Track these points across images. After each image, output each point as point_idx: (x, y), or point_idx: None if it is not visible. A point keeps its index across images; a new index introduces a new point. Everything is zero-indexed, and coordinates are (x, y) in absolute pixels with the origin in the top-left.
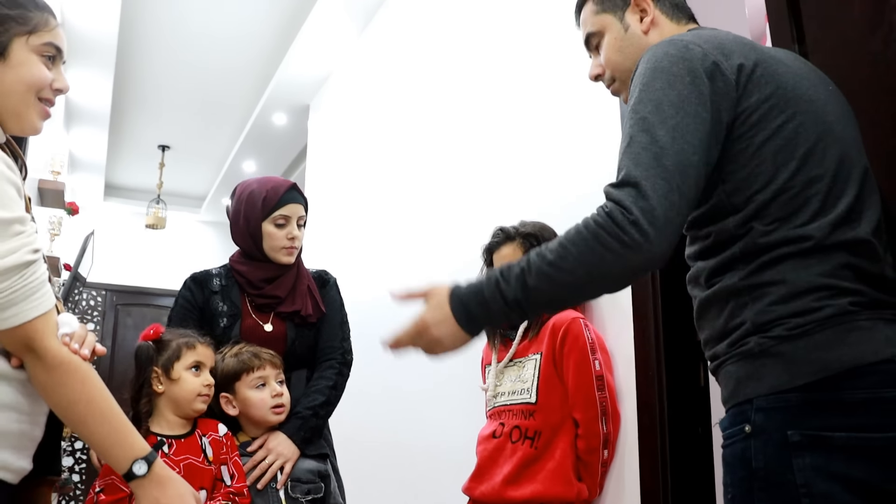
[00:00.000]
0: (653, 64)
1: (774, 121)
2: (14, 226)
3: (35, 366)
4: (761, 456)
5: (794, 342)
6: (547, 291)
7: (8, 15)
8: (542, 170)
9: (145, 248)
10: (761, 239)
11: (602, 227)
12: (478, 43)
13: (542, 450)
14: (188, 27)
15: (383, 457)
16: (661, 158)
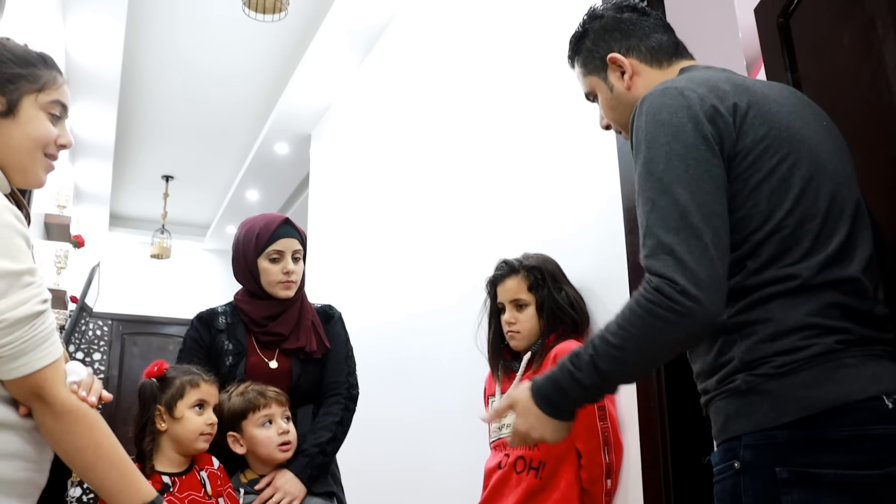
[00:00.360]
0: (652, 117)
1: (769, 161)
2: (24, 277)
3: (44, 413)
4: (751, 492)
5: (780, 380)
6: (620, 371)
7: (20, 74)
8: (545, 198)
9: (150, 277)
10: (751, 279)
11: (653, 302)
12: (478, 71)
13: (546, 480)
14: (189, 61)
15: (390, 488)
16: (687, 217)
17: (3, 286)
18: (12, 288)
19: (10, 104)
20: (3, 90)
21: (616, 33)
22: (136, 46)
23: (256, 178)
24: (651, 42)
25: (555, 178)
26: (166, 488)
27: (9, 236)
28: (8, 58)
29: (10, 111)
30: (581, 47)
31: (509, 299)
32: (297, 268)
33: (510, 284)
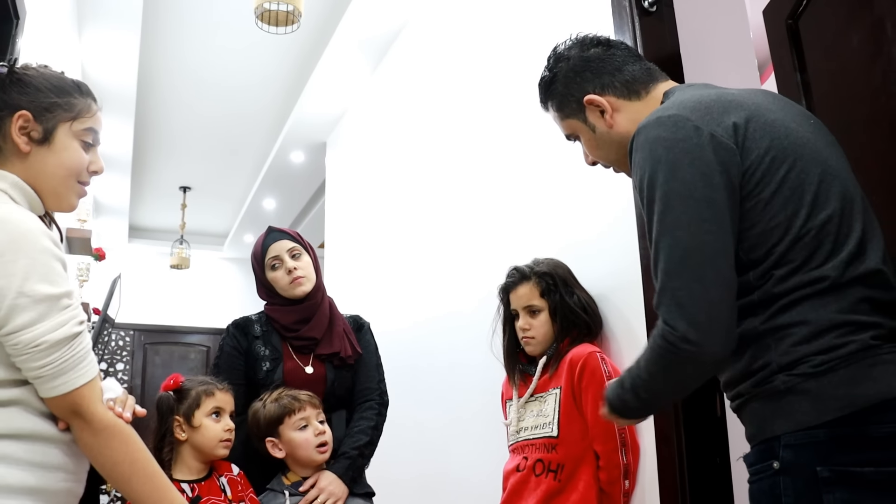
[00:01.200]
0: (648, 153)
1: (778, 172)
2: (62, 300)
3: (82, 429)
4: (791, 492)
5: (819, 379)
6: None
7: (56, 103)
8: (560, 203)
9: (171, 287)
10: (779, 286)
11: (662, 348)
12: (491, 76)
13: (565, 482)
14: (204, 73)
15: (412, 492)
16: (687, 260)
17: (43, 309)
18: (51, 311)
19: (45, 132)
20: (39, 118)
21: (587, 73)
22: (151, 61)
23: (273, 186)
24: (624, 76)
25: (570, 183)
26: (196, 501)
27: (47, 261)
28: (46, 86)
29: (46, 139)
30: (553, 92)
31: (522, 306)
32: (299, 263)
33: (522, 291)
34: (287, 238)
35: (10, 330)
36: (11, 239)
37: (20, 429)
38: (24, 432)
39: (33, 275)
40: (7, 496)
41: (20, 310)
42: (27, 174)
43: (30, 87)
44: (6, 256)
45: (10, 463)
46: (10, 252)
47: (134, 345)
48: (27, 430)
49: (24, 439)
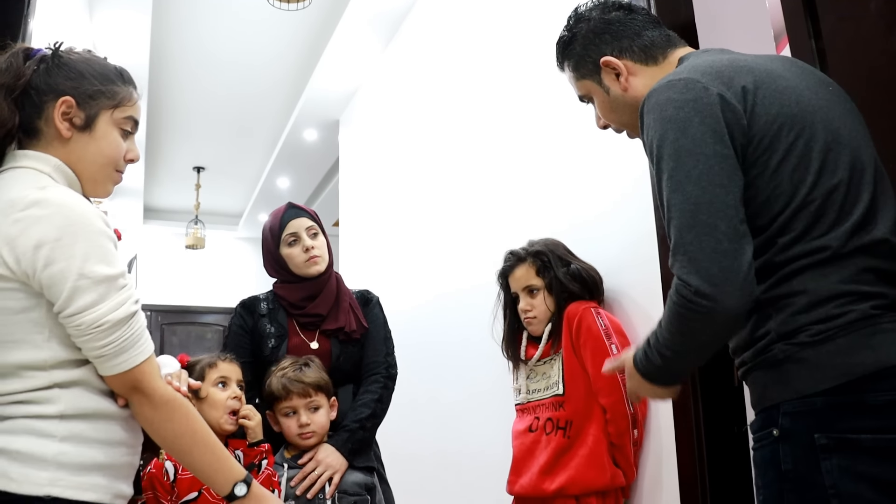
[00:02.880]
0: (658, 114)
1: (785, 140)
2: (119, 280)
3: (142, 405)
4: (790, 458)
5: (817, 347)
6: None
7: (100, 90)
8: (573, 176)
9: (186, 267)
10: (780, 255)
11: (678, 305)
12: (502, 51)
13: (574, 438)
14: (215, 52)
15: (429, 466)
16: (698, 214)
17: (103, 290)
18: (111, 291)
19: (87, 119)
20: (83, 105)
21: (606, 35)
22: (163, 41)
23: (286, 165)
24: (643, 40)
25: (582, 157)
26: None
27: (103, 243)
28: (90, 73)
29: (87, 126)
30: (570, 52)
31: (521, 287)
32: (316, 242)
33: (519, 273)
34: (307, 216)
35: (74, 311)
36: (69, 222)
37: (85, 408)
38: (88, 411)
39: (92, 257)
40: (80, 473)
41: (82, 291)
42: (67, 159)
43: (74, 72)
44: (65, 240)
45: (79, 442)
46: (68, 235)
47: (151, 325)
48: (91, 408)
49: (90, 418)
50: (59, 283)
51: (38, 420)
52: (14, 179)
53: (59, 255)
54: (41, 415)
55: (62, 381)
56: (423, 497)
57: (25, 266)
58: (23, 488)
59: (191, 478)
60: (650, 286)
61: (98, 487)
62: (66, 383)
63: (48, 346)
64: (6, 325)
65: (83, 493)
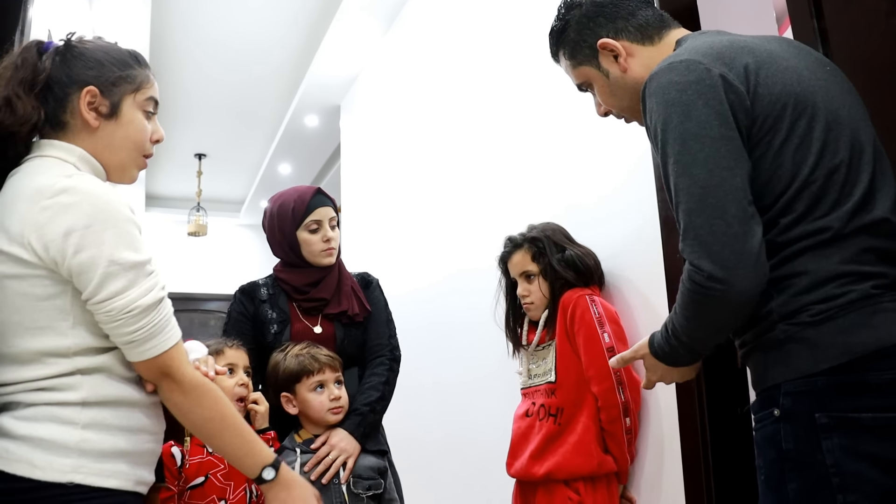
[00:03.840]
0: (661, 97)
1: (788, 119)
2: (147, 266)
3: (172, 390)
4: (791, 438)
5: (818, 327)
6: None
7: (121, 76)
8: (575, 159)
9: (189, 254)
10: (781, 235)
11: (690, 290)
12: (503, 34)
13: (564, 425)
14: (216, 38)
15: (433, 450)
16: (706, 198)
17: (133, 276)
18: (139, 277)
19: (112, 106)
20: (106, 93)
21: (600, 18)
22: (163, 27)
23: (288, 151)
24: (638, 20)
25: (583, 140)
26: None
27: (131, 230)
28: (108, 60)
29: (113, 113)
30: (565, 40)
31: (518, 273)
32: (334, 234)
33: (517, 259)
34: (332, 206)
35: (104, 297)
36: (98, 210)
37: (108, 395)
38: (111, 398)
39: (121, 243)
40: (103, 460)
41: (112, 278)
42: (95, 148)
43: (92, 61)
44: (95, 227)
45: (101, 429)
46: (98, 223)
47: None
48: (113, 396)
49: (112, 405)
50: (89, 270)
51: (61, 407)
52: (39, 168)
53: (89, 242)
54: (63, 402)
55: (85, 367)
56: (427, 479)
57: (54, 253)
58: (46, 475)
59: (197, 463)
60: (652, 269)
61: (120, 474)
62: (88, 370)
63: (73, 333)
64: (31, 311)
65: (106, 480)
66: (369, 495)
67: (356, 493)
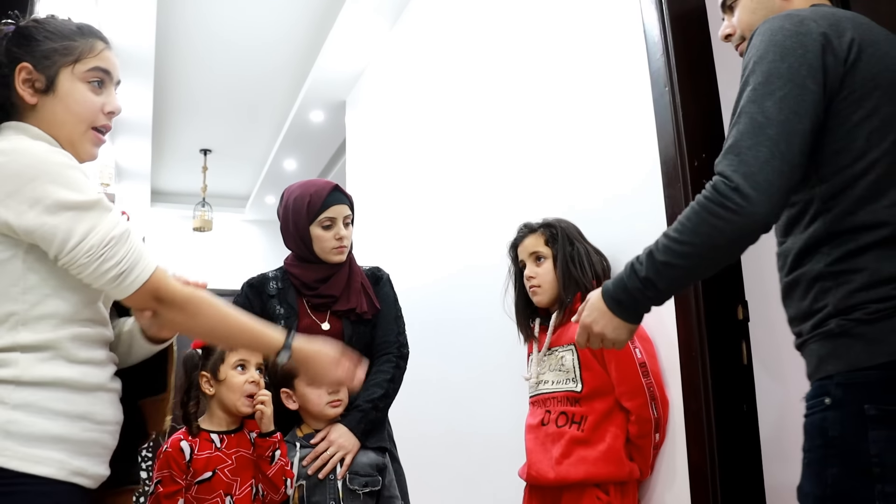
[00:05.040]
0: (768, 37)
1: (875, 101)
2: (102, 201)
3: (168, 311)
4: (838, 426)
5: (873, 325)
6: (673, 264)
7: (53, 48)
8: (581, 157)
9: (194, 250)
10: (845, 220)
11: (708, 197)
12: (510, 30)
13: (589, 433)
14: (221, 33)
15: (439, 446)
16: (766, 128)
17: (96, 214)
18: (102, 213)
19: (48, 80)
20: (40, 67)
21: None
22: (169, 22)
23: (293, 147)
24: None
25: (594, 139)
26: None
27: (72, 175)
28: (43, 35)
29: (50, 87)
30: None
31: (528, 253)
32: (347, 233)
33: (528, 242)
34: (347, 204)
35: (77, 241)
36: (29, 164)
37: (45, 376)
38: (49, 380)
39: (64, 188)
40: (31, 444)
41: (76, 221)
42: (40, 125)
43: (28, 38)
44: (40, 179)
45: (34, 411)
46: (41, 174)
47: None
48: (52, 377)
49: (50, 387)
50: (46, 224)
51: None
52: None
53: (38, 196)
54: None
55: (26, 344)
56: (433, 476)
57: (4, 215)
58: None
59: (206, 458)
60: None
61: (52, 461)
62: (29, 346)
63: (22, 299)
64: None
65: (32, 466)
66: (365, 492)
67: (352, 490)
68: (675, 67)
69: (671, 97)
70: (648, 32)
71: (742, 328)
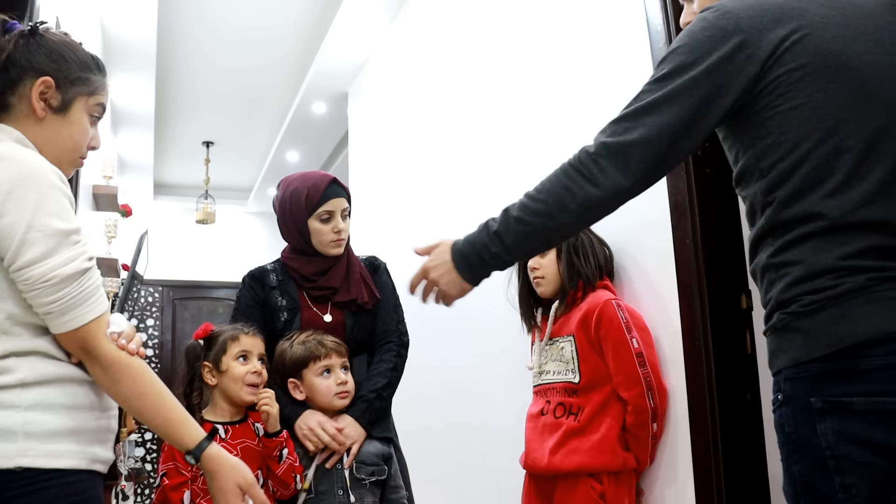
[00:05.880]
0: (690, 28)
1: (803, 91)
2: (72, 236)
3: (92, 365)
4: (792, 422)
5: (810, 317)
6: (523, 220)
7: (79, 77)
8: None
9: (197, 242)
10: (783, 213)
11: (570, 163)
12: (509, 22)
13: (585, 423)
14: (223, 25)
15: (441, 436)
16: (644, 114)
17: (54, 244)
18: (62, 245)
19: (63, 102)
20: (61, 88)
21: None
22: (170, 14)
23: (296, 138)
24: None
25: (594, 126)
26: (214, 432)
27: (56, 197)
28: (72, 59)
29: (63, 109)
30: None
31: None
32: (345, 225)
33: None
34: (345, 197)
35: (22, 264)
36: (21, 175)
37: (47, 374)
38: (51, 377)
39: (44, 209)
40: (51, 441)
41: (31, 244)
42: (35, 138)
43: (56, 54)
44: (16, 192)
45: (45, 409)
46: (19, 188)
47: (163, 301)
48: (53, 374)
49: (53, 384)
50: (9, 236)
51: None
52: None
53: (11, 208)
54: (1, 385)
55: (19, 350)
56: (435, 466)
57: None
58: None
59: None
60: (662, 256)
61: (71, 453)
62: (22, 352)
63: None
64: None
65: (56, 461)
66: (372, 481)
67: (359, 479)
68: None
69: None
70: (651, 20)
71: (746, 317)
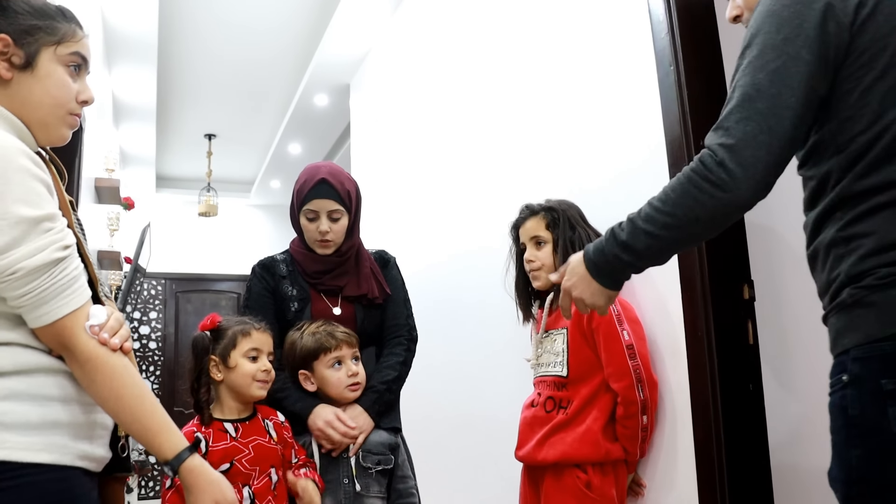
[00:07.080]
0: (767, 7)
1: (886, 60)
2: (43, 224)
3: (70, 361)
4: (857, 404)
5: (885, 291)
6: (652, 233)
7: (37, 25)
8: (585, 141)
9: (199, 235)
10: (857, 183)
11: (694, 170)
12: (513, 14)
13: (572, 416)
14: (225, 18)
15: (445, 428)
16: (755, 101)
17: (19, 233)
18: (29, 235)
19: (28, 57)
20: (20, 42)
21: None
22: (172, 6)
23: (298, 131)
24: None
25: (598, 121)
26: (198, 442)
27: (24, 181)
28: (25, 9)
29: (29, 64)
30: None
31: (529, 237)
32: (334, 227)
33: (530, 224)
34: (334, 198)
35: None
36: None
37: (28, 363)
38: (31, 367)
39: (8, 195)
40: (30, 433)
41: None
42: (12, 104)
43: (8, 10)
44: None
45: (25, 399)
46: None
47: (166, 293)
48: (34, 364)
49: (34, 373)
50: None
51: None
52: None
53: None
54: None
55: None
56: (439, 457)
57: None
58: None
59: (222, 450)
60: None
61: (55, 447)
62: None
63: None
64: None
65: (36, 455)
66: (378, 470)
67: (365, 467)
68: (680, 46)
69: (676, 76)
70: (653, 10)
71: (748, 307)
